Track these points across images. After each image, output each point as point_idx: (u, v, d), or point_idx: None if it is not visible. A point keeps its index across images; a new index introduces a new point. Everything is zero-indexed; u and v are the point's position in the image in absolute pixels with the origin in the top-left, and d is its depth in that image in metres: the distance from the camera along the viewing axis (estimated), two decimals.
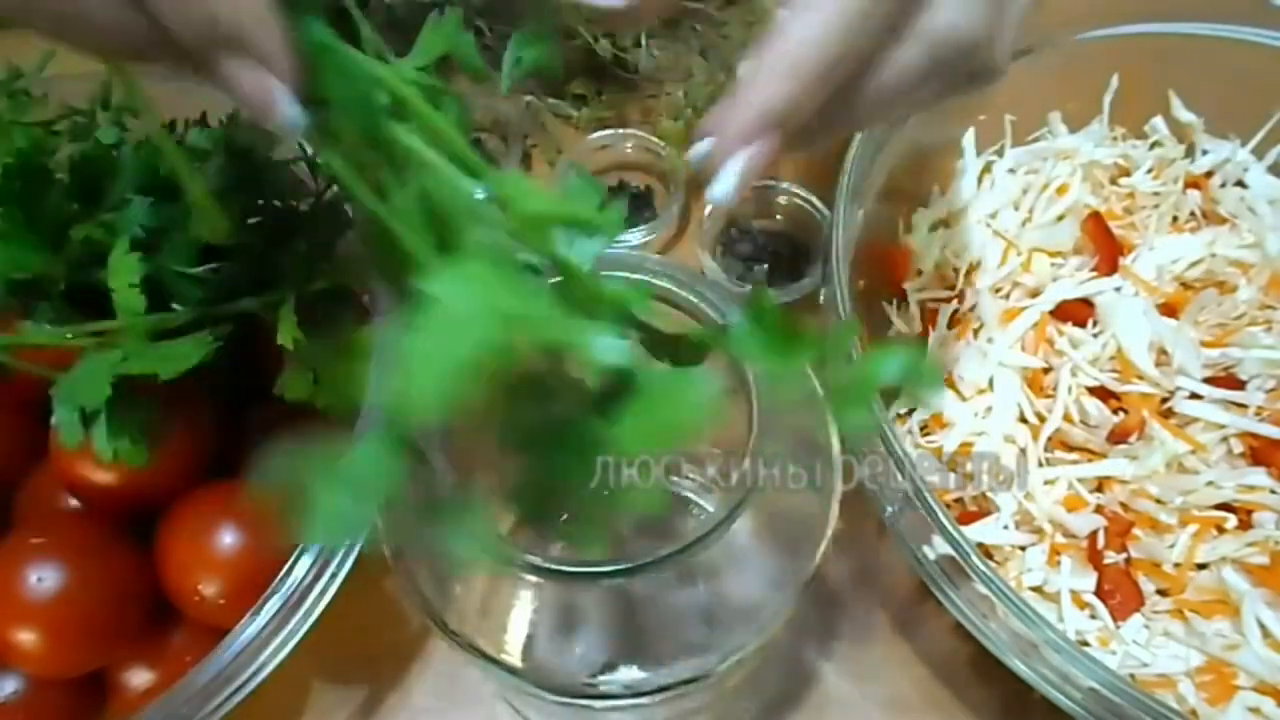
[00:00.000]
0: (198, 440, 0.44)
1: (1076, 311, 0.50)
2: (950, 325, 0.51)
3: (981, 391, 0.49)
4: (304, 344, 0.41)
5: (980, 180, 0.56)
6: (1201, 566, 0.44)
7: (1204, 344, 0.48)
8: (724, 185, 0.25)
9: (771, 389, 0.30)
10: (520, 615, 0.31)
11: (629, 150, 0.66)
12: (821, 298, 0.48)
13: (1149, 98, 0.56)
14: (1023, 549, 0.45)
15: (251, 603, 0.39)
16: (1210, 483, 0.45)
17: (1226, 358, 0.47)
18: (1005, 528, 0.45)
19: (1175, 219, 0.54)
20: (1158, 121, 0.56)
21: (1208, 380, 0.47)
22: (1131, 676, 0.42)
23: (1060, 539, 0.45)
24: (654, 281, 0.32)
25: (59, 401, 0.38)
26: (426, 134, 0.24)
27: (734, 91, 0.26)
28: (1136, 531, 0.45)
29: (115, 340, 0.38)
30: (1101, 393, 0.47)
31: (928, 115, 0.53)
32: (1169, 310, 0.49)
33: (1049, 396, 0.48)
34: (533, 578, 0.29)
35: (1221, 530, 0.45)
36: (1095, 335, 0.49)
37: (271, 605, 0.39)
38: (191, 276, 0.42)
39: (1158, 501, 0.45)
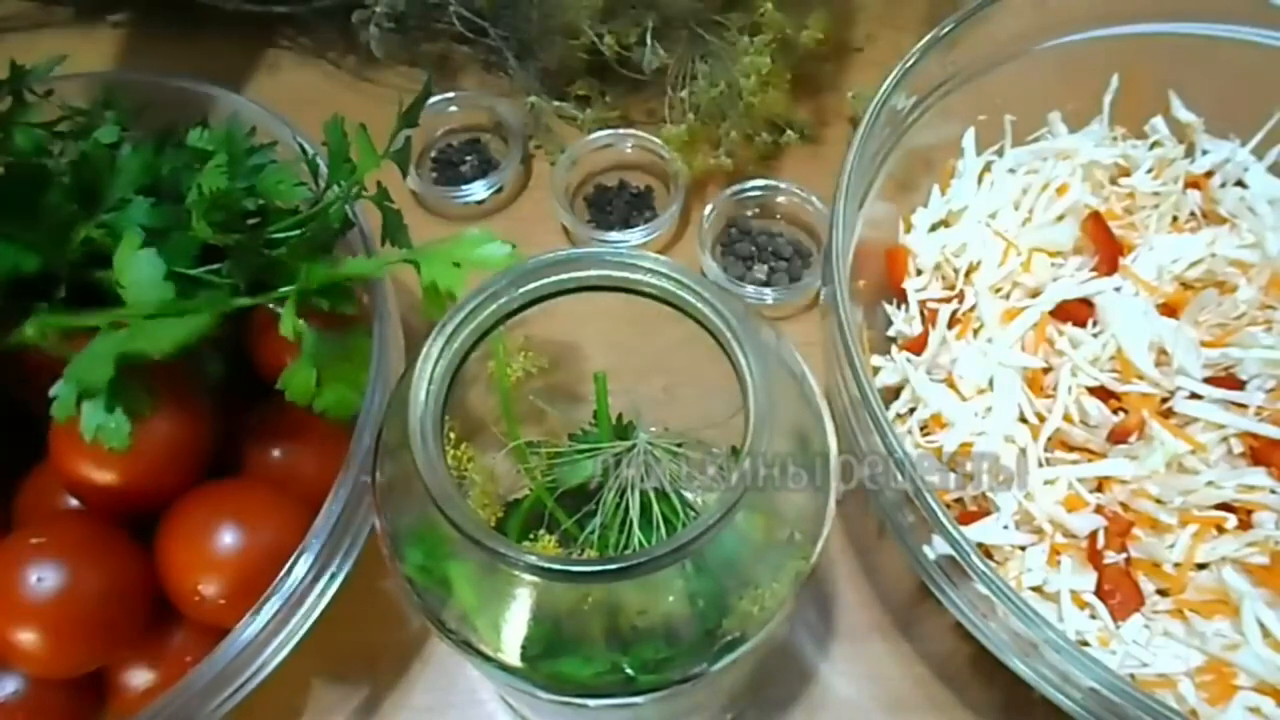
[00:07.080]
0: (197, 439, 0.44)
1: (1076, 311, 0.50)
2: (950, 325, 0.51)
3: (981, 391, 0.48)
4: (306, 336, 0.41)
5: (980, 180, 0.56)
6: (1201, 566, 0.44)
7: (1204, 344, 0.48)
8: None
9: (769, 389, 0.30)
10: (516, 614, 0.31)
11: (629, 150, 0.66)
12: (821, 298, 0.48)
13: (1149, 98, 0.56)
14: (1023, 549, 0.45)
15: (251, 603, 0.39)
16: (1210, 483, 0.45)
17: (1226, 358, 0.47)
18: (1005, 528, 0.45)
19: (1175, 219, 0.53)
20: (1158, 121, 0.56)
21: (1208, 380, 0.47)
22: (1131, 676, 0.42)
23: (1060, 539, 0.45)
24: (654, 281, 0.32)
25: (65, 380, 0.38)
26: None
27: None
28: (1136, 531, 0.45)
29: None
30: (1101, 393, 0.47)
31: (928, 115, 0.53)
32: (1169, 310, 0.49)
33: (1049, 396, 0.48)
34: (528, 576, 0.29)
35: (1221, 530, 0.44)
36: (1095, 335, 0.49)
37: (271, 605, 0.39)
38: (191, 277, 0.42)
39: (1158, 501, 0.45)
